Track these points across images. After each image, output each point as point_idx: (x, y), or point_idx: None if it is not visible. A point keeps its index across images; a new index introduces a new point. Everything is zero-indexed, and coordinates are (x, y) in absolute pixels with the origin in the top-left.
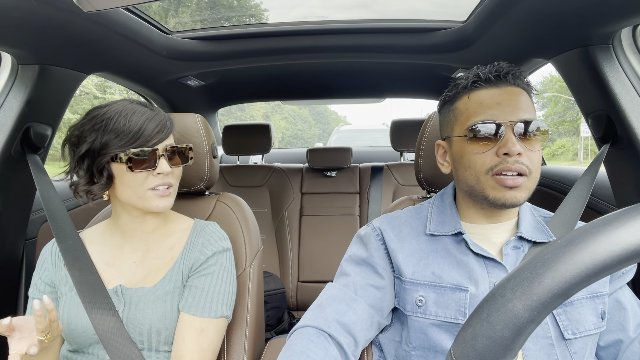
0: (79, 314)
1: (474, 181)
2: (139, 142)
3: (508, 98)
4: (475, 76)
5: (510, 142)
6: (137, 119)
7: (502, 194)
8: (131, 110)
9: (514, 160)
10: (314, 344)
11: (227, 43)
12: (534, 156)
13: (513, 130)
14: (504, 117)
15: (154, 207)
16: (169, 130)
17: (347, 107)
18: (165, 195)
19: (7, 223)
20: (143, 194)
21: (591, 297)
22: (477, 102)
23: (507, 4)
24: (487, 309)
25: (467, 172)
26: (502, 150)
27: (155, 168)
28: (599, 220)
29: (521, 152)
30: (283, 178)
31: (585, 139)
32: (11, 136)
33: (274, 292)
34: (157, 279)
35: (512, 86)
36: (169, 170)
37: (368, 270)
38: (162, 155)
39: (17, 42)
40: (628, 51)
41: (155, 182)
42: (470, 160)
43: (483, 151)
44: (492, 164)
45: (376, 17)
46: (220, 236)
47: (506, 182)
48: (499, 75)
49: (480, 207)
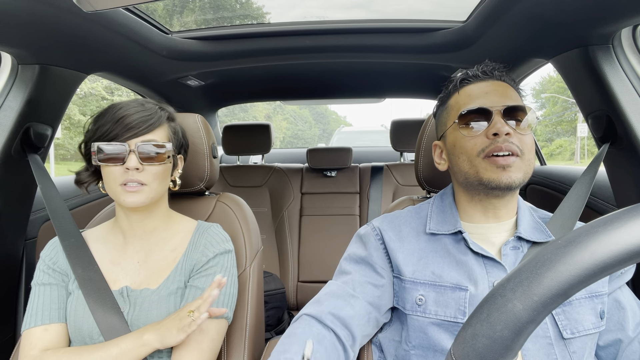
0: (85, 313)
1: (468, 166)
2: (111, 136)
3: (495, 89)
4: (463, 74)
5: (499, 123)
6: (119, 114)
7: (495, 174)
8: (120, 107)
9: (504, 139)
10: (315, 324)
11: (227, 43)
12: (525, 138)
13: (501, 113)
14: (492, 104)
15: (122, 202)
16: (149, 127)
17: (347, 108)
18: (133, 191)
19: (7, 223)
20: (115, 188)
21: (590, 296)
22: (466, 94)
23: (507, 4)
24: (487, 308)
25: (461, 159)
26: (491, 131)
27: (123, 163)
28: (599, 220)
29: (510, 133)
30: (283, 178)
31: (582, 139)
32: (11, 136)
33: (274, 292)
34: (160, 280)
35: (499, 81)
36: (135, 165)
37: (367, 268)
38: (132, 151)
39: (17, 42)
40: (628, 51)
41: (124, 177)
42: (463, 146)
43: (474, 135)
44: (483, 145)
45: (375, 17)
46: (223, 238)
47: (498, 161)
48: (486, 72)
49: (478, 200)
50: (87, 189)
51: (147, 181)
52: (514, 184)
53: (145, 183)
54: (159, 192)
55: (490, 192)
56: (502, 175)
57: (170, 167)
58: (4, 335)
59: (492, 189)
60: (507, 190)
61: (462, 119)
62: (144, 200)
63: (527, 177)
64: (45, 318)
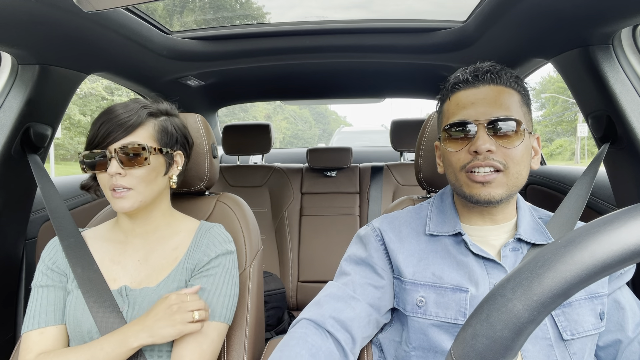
0: (85, 312)
1: (454, 179)
2: (94, 144)
3: (483, 97)
4: (455, 78)
5: (480, 140)
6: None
7: (476, 190)
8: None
9: (484, 157)
10: (312, 332)
11: (227, 43)
12: (512, 152)
13: (485, 128)
14: (476, 116)
15: (114, 207)
16: (127, 129)
17: (347, 108)
18: (120, 197)
19: (7, 223)
20: (107, 194)
21: (590, 297)
22: (455, 103)
23: (507, 4)
24: (487, 309)
25: (448, 171)
26: (472, 148)
27: (106, 170)
28: (599, 220)
29: (492, 150)
30: (283, 178)
31: (582, 139)
32: (11, 136)
33: (274, 292)
34: (160, 278)
35: (490, 85)
36: (116, 171)
37: (367, 270)
38: (112, 157)
39: (17, 42)
40: (628, 51)
41: (110, 183)
42: (449, 159)
43: (457, 149)
44: (465, 161)
45: (375, 17)
46: (225, 238)
47: (476, 178)
48: (477, 76)
49: (472, 206)
50: (96, 192)
51: (132, 185)
52: (494, 200)
53: (130, 187)
54: (149, 194)
55: (472, 202)
56: (482, 191)
57: (160, 167)
58: (4, 336)
59: (474, 203)
60: (488, 205)
61: (446, 133)
62: (132, 205)
63: (513, 189)
64: (42, 321)
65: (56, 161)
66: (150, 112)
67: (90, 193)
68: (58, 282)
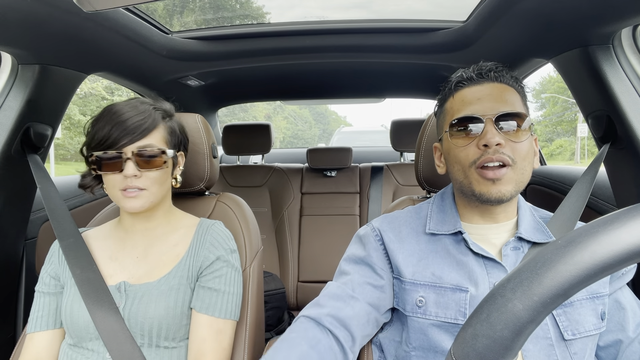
0: (81, 308)
1: (462, 176)
2: (107, 144)
3: (489, 93)
4: (459, 77)
5: (489, 134)
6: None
7: (486, 188)
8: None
9: (494, 150)
10: (312, 327)
11: (227, 43)
12: (519, 147)
13: (493, 122)
14: (484, 111)
15: (123, 207)
16: (144, 131)
17: (347, 108)
18: (132, 196)
19: (7, 223)
20: (116, 194)
21: (591, 297)
22: (460, 100)
23: (507, 4)
24: (487, 309)
25: (455, 168)
26: (481, 142)
27: (122, 171)
28: (599, 220)
29: (501, 143)
30: (283, 178)
31: (582, 139)
32: (11, 136)
33: (274, 292)
34: (161, 274)
35: (494, 82)
36: (133, 173)
37: (366, 269)
38: (129, 159)
39: (17, 42)
40: (628, 51)
41: (123, 184)
42: (456, 155)
43: (465, 145)
44: (475, 156)
45: (375, 17)
46: (228, 236)
47: (487, 174)
48: (481, 74)
49: (475, 205)
50: (92, 192)
51: (146, 186)
52: (505, 197)
53: (144, 188)
54: (159, 195)
55: (481, 201)
56: (492, 189)
57: (170, 169)
58: (4, 335)
59: (483, 202)
60: (498, 203)
61: (454, 128)
62: (144, 205)
63: (520, 186)
64: (37, 326)
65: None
66: (163, 115)
67: (87, 192)
68: (53, 289)
